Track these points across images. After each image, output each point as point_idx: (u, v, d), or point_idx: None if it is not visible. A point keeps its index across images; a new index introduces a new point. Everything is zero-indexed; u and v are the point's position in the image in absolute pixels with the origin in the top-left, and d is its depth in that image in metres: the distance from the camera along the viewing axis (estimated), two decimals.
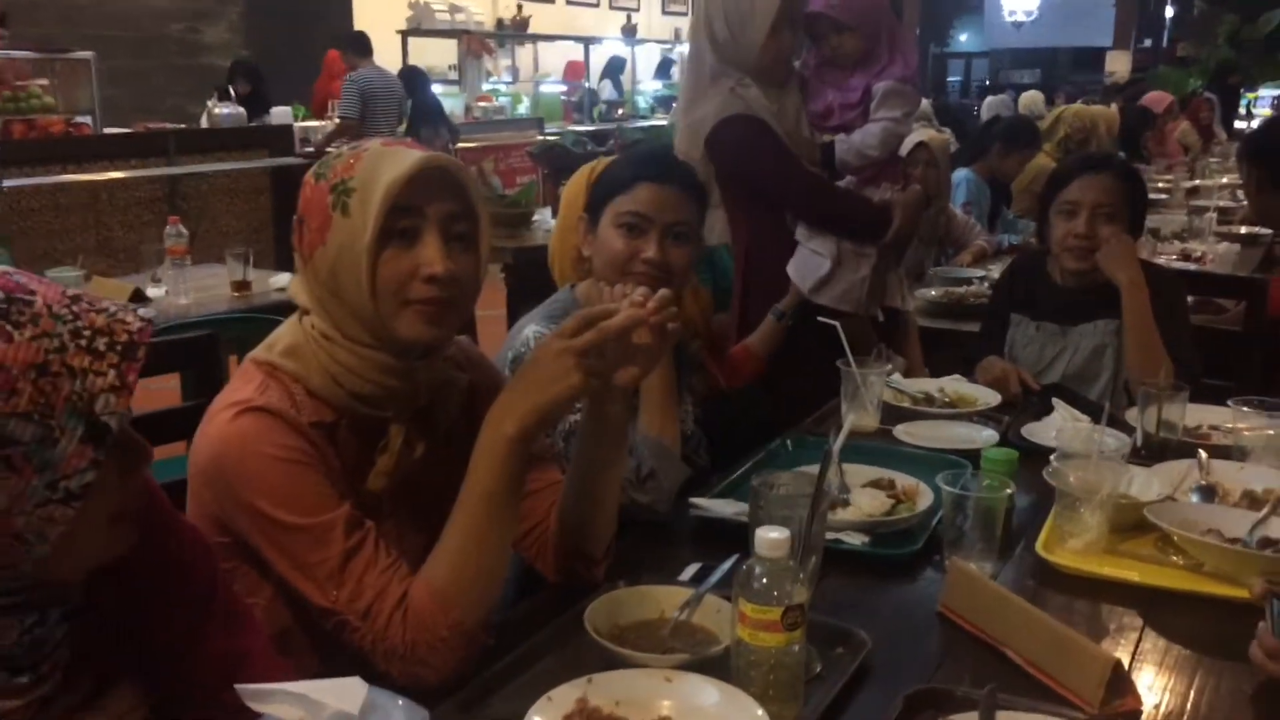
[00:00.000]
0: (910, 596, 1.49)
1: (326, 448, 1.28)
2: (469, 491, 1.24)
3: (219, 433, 1.24)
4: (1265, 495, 1.70)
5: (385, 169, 1.24)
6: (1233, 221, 4.79)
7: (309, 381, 1.29)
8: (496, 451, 1.23)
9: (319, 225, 1.26)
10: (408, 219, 1.25)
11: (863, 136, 2.58)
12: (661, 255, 1.76)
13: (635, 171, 1.80)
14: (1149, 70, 15.69)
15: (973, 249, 4.09)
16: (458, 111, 9.55)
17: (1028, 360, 2.40)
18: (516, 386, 1.27)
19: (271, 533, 1.22)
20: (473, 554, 1.23)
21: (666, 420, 1.72)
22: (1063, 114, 5.95)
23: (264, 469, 1.21)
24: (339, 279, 1.26)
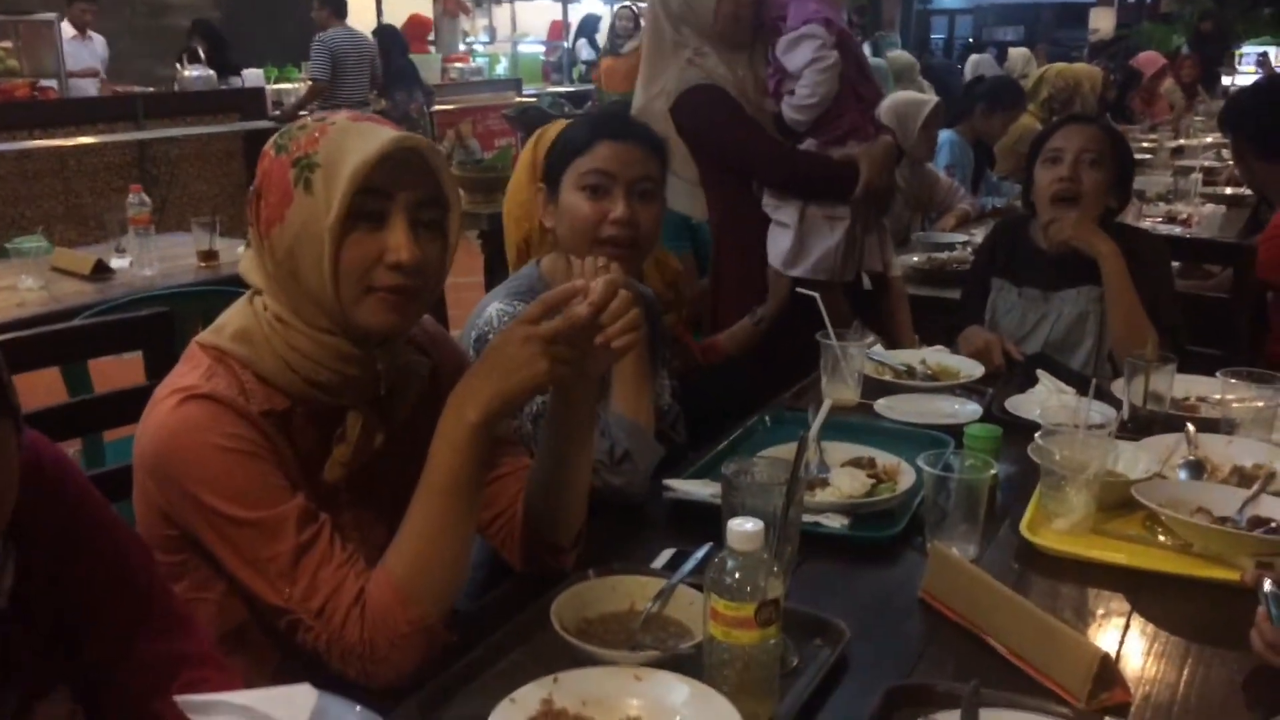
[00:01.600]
0: (891, 581, 1.44)
1: (278, 437, 1.21)
2: (429, 480, 1.18)
3: (162, 421, 1.17)
4: (1254, 471, 1.66)
5: (353, 147, 1.16)
6: (1218, 182, 4.75)
7: (260, 367, 1.21)
8: (458, 439, 1.17)
9: (278, 201, 1.18)
10: (375, 201, 1.17)
11: (796, 92, 2.52)
12: (630, 213, 1.69)
13: (593, 131, 1.73)
14: (1133, 26, 15.57)
15: (956, 212, 4.03)
16: (434, 72, 9.39)
17: (1009, 327, 2.35)
18: (480, 371, 1.20)
19: (220, 527, 1.16)
20: (434, 546, 1.18)
21: (641, 399, 1.66)
22: (1046, 74, 5.86)
23: (210, 460, 1.15)
24: (297, 260, 1.18)
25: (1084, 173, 2.22)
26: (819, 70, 2.48)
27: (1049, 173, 2.25)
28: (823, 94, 2.49)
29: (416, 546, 1.18)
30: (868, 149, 2.54)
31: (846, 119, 2.56)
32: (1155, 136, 6.47)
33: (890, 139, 2.64)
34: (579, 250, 1.72)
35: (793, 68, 2.53)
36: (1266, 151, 2.86)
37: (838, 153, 2.56)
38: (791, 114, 2.54)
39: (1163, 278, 2.23)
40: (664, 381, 1.95)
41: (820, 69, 2.48)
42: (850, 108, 2.55)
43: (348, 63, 7.25)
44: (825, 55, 2.48)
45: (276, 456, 1.19)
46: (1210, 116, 8.02)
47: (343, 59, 7.22)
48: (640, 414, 1.65)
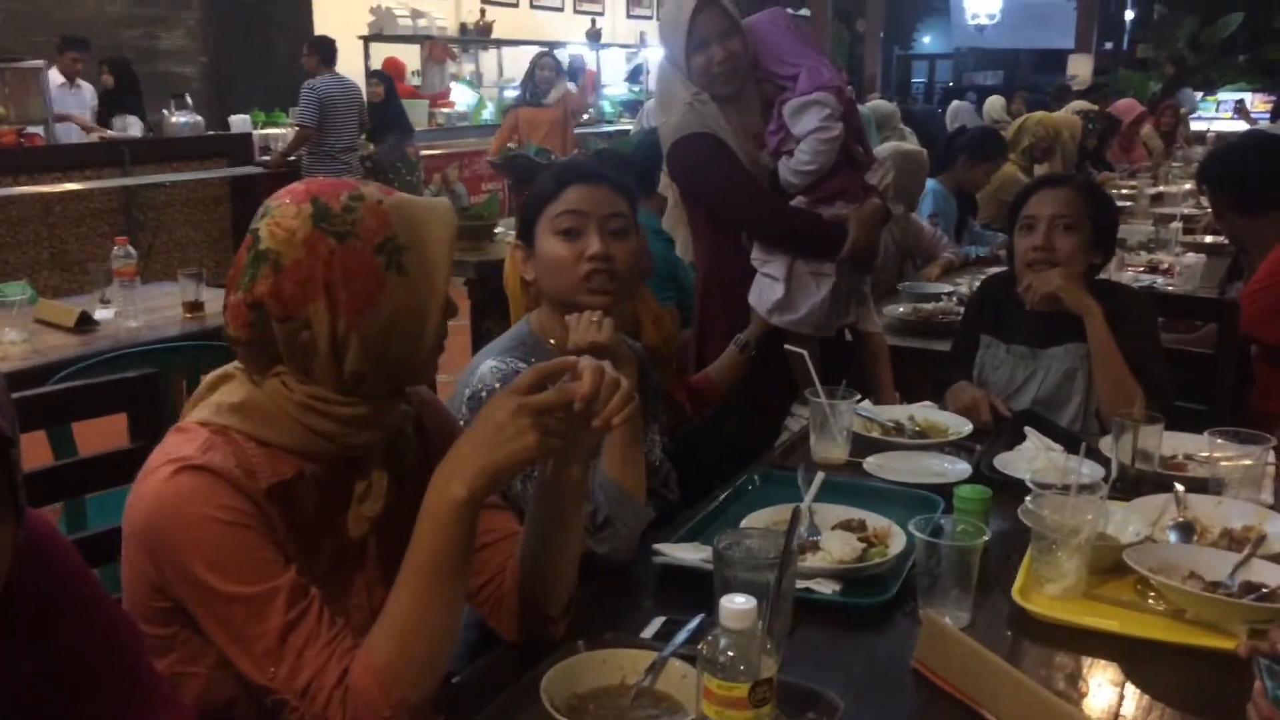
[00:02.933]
0: (884, 649, 1.42)
1: (278, 511, 1.20)
2: (412, 560, 1.16)
3: (154, 492, 1.15)
4: (1244, 533, 1.66)
5: (428, 225, 1.22)
6: (1197, 230, 4.80)
7: (266, 434, 1.20)
8: (442, 517, 1.15)
9: (368, 288, 1.18)
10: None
11: (795, 156, 2.54)
12: (605, 248, 1.72)
13: (560, 178, 1.78)
14: (1110, 73, 15.81)
15: (941, 261, 4.06)
16: (420, 117, 9.43)
17: (998, 383, 2.36)
18: (466, 442, 1.19)
19: (209, 601, 1.14)
20: (417, 629, 1.15)
21: (629, 463, 1.65)
22: (1026, 122, 5.93)
23: (203, 532, 1.13)
24: (392, 337, 1.20)
25: (1057, 240, 2.24)
26: (821, 140, 2.50)
27: (1024, 240, 2.27)
28: (821, 164, 2.52)
29: (399, 631, 1.15)
30: (858, 210, 2.56)
31: (838, 180, 2.58)
32: (1135, 184, 6.54)
33: (879, 202, 2.65)
34: (562, 295, 1.74)
35: (797, 132, 2.55)
36: (1245, 207, 2.90)
37: (827, 212, 2.58)
38: (787, 176, 2.56)
39: (1149, 335, 2.24)
40: (654, 438, 1.95)
41: (823, 139, 2.50)
42: (842, 170, 2.57)
43: (336, 109, 7.25)
44: (830, 127, 2.51)
45: (271, 530, 1.18)
46: (1188, 163, 8.14)
47: (331, 106, 7.22)
48: (627, 478, 1.63)
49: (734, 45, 2.53)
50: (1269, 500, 1.80)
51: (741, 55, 2.56)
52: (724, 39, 2.52)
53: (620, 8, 14.33)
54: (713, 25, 2.51)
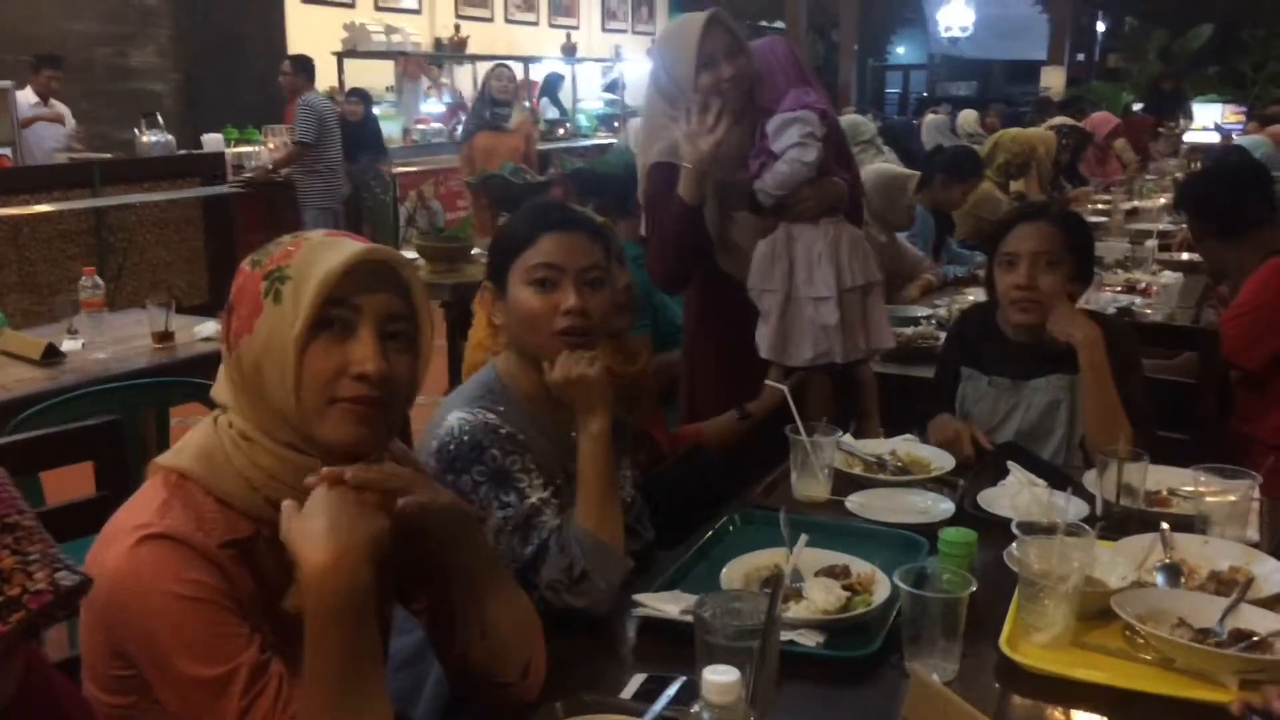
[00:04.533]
0: (870, 705, 1.39)
1: (239, 569, 1.16)
2: (308, 676, 1.11)
3: (116, 565, 1.11)
4: (1231, 574, 1.63)
5: (323, 258, 1.17)
6: (1172, 247, 4.81)
7: (221, 489, 1.18)
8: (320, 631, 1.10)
9: (248, 313, 1.18)
10: (342, 312, 1.17)
11: (771, 174, 2.52)
12: (581, 303, 1.66)
13: (535, 224, 1.70)
14: (1082, 84, 15.93)
15: (920, 282, 4.04)
16: (396, 135, 9.38)
17: (980, 416, 2.33)
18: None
19: (169, 678, 1.11)
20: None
21: (605, 513, 1.60)
22: (1000, 139, 5.93)
23: (166, 609, 1.10)
24: (263, 371, 1.17)
25: (1040, 278, 2.22)
26: (798, 160, 2.48)
27: (1007, 278, 2.25)
28: (794, 185, 2.49)
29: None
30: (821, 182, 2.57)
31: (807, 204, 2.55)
32: (1110, 198, 6.56)
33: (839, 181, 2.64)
34: (534, 347, 1.69)
35: (776, 148, 2.53)
36: (1222, 232, 2.90)
37: (812, 234, 2.56)
38: (760, 197, 2.55)
39: (1133, 368, 2.22)
40: (625, 473, 1.90)
41: (800, 157, 2.48)
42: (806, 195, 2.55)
43: (328, 125, 7.26)
44: (809, 145, 2.48)
45: (236, 597, 1.14)
46: (1162, 175, 8.19)
47: (325, 121, 7.22)
48: (604, 529, 1.59)
49: (742, 64, 2.51)
50: (1255, 538, 1.78)
51: (748, 76, 2.54)
52: (732, 57, 2.50)
53: (595, 21, 14.33)
54: (720, 43, 2.48)
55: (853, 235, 2.69)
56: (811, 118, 2.51)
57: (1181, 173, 8.02)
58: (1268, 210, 2.90)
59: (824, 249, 2.62)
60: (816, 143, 2.50)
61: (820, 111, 2.54)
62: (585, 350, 1.64)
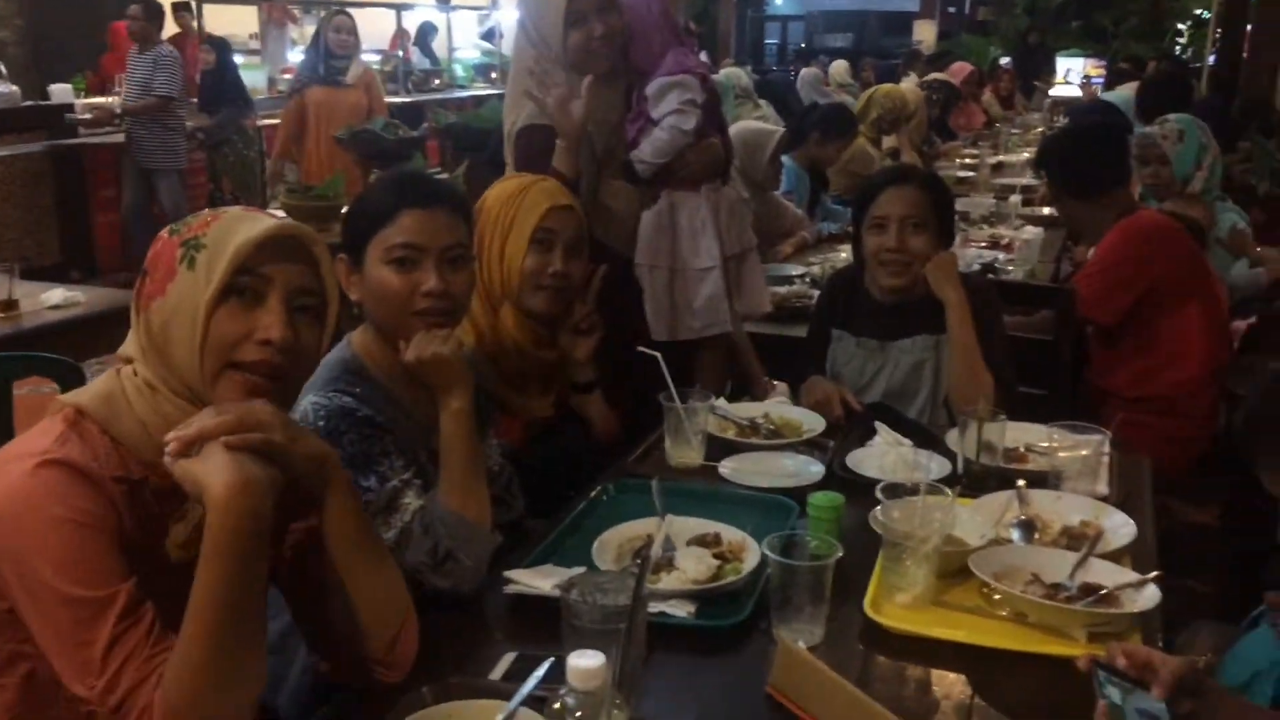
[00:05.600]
0: (739, 673, 1.41)
1: (127, 508, 1.18)
2: (195, 602, 1.12)
3: (7, 487, 1.13)
4: (1082, 529, 1.71)
5: (239, 230, 1.23)
6: (1035, 201, 4.96)
7: (118, 430, 1.21)
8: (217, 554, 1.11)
9: (162, 277, 1.23)
10: (253, 282, 1.23)
11: (649, 141, 2.50)
12: (443, 284, 1.62)
13: (395, 199, 1.63)
14: (953, 38, 16.26)
15: (794, 240, 4.09)
16: (260, 86, 9.00)
17: (850, 377, 2.38)
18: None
19: (44, 600, 1.12)
20: (209, 665, 1.11)
21: (469, 491, 1.57)
22: (874, 95, 6.01)
23: (52, 530, 1.12)
24: (170, 334, 1.22)
25: (909, 240, 2.26)
26: (676, 127, 2.46)
27: (876, 240, 2.29)
28: (672, 153, 2.47)
29: (191, 669, 1.11)
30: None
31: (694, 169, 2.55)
32: (976, 153, 6.74)
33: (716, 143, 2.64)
34: (390, 324, 1.64)
35: (656, 114, 2.50)
36: (1080, 191, 3.00)
37: (694, 199, 2.55)
38: (638, 162, 2.52)
39: (993, 327, 2.29)
40: (492, 442, 1.88)
41: (679, 124, 2.46)
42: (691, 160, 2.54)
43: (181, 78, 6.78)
44: (689, 112, 2.47)
45: (121, 532, 1.16)
46: (1027, 130, 8.45)
47: (181, 73, 6.75)
48: (469, 506, 1.55)
49: (613, 21, 2.45)
50: (1104, 491, 1.86)
51: (620, 33, 2.48)
52: (603, 13, 2.43)
53: None
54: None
55: (731, 200, 2.70)
56: (692, 83, 2.49)
57: (1044, 127, 8.29)
58: (1121, 172, 3.01)
59: (707, 216, 2.62)
60: (696, 110, 2.48)
61: (701, 76, 2.52)
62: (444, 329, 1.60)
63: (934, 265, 2.25)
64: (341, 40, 5.88)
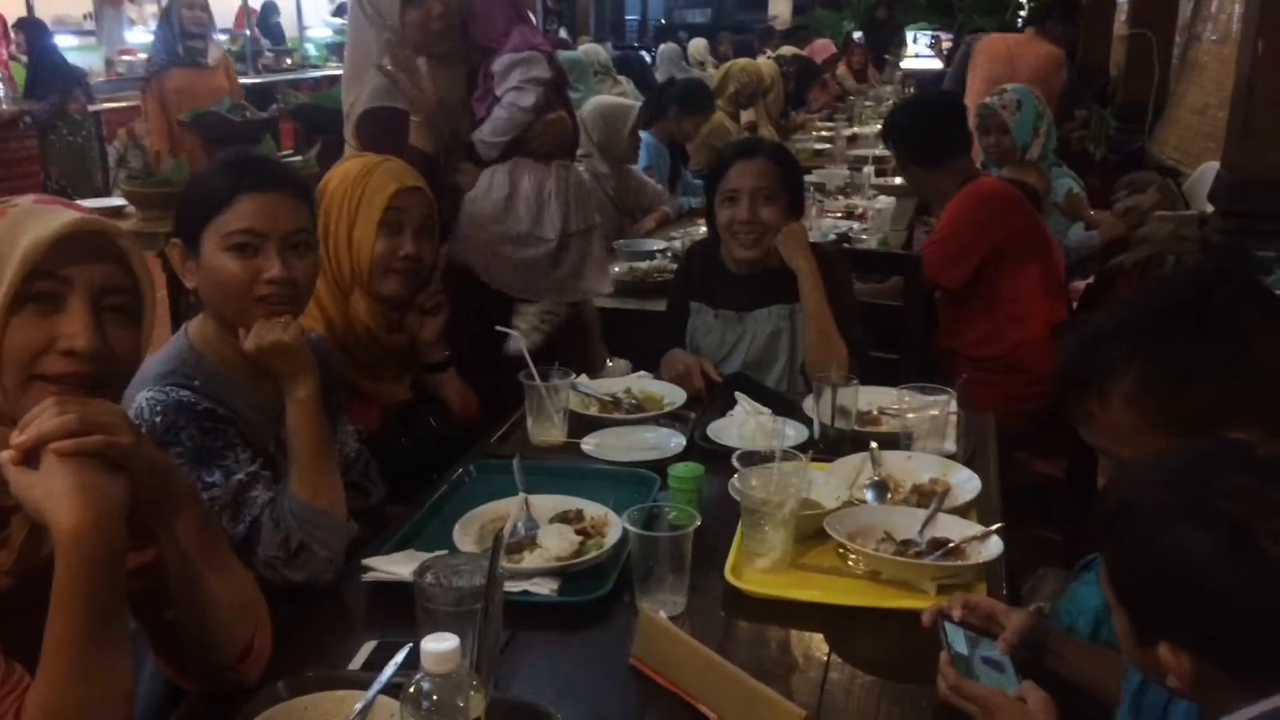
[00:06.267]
0: (603, 647, 1.41)
1: None
2: (51, 639, 1.03)
3: None
4: (931, 487, 1.77)
5: (30, 228, 1.11)
6: (888, 172, 5.10)
7: None
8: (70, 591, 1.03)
9: None
10: (50, 285, 1.11)
11: (489, 122, 2.48)
12: (286, 271, 1.55)
13: (233, 183, 1.55)
14: (807, 13, 16.55)
15: (657, 214, 4.10)
16: (97, 67, 8.56)
17: (709, 348, 2.40)
18: None
19: None
20: (70, 709, 1.03)
21: (320, 480, 1.52)
22: (730, 69, 6.08)
23: None
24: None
25: (760, 210, 2.30)
26: (514, 104, 2.44)
27: (728, 211, 2.32)
28: (512, 131, 2.45)
29: (55, 701, 1.03)
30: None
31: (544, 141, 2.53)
32: (832, 125, 6.88)
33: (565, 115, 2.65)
34: (230, 313, 1.56)
35: (499, 91, 2.47)
36: (924, 160, 3.10)
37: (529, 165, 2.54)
38: (478, 143, 2.49)
39: (845, 294, 2.34)
40: (347, 428, 1.83)
41: (516, 101, 2.44)
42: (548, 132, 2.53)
43: None
44: (527, 89, 2.45)
45: None
46: (879, 101, 8.66)
47: None
48: (320, 496, 1.51)
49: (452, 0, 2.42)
50: (952, 449, 1.93)
51: (458, 11, 2.44)
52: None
53: None
54: None
55: (579, 179, 2.69)
56: (538, 59, 2.48)
57: (896, 99, 8.51)
58: (961, 141, 3.12)
59: (553, 189, 2.61)
60: (537, 87, 2.47)
61: (547, 52, 2.51)
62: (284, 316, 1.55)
63: (785, 236, 2.29)
64: (196, 17, 5.59)
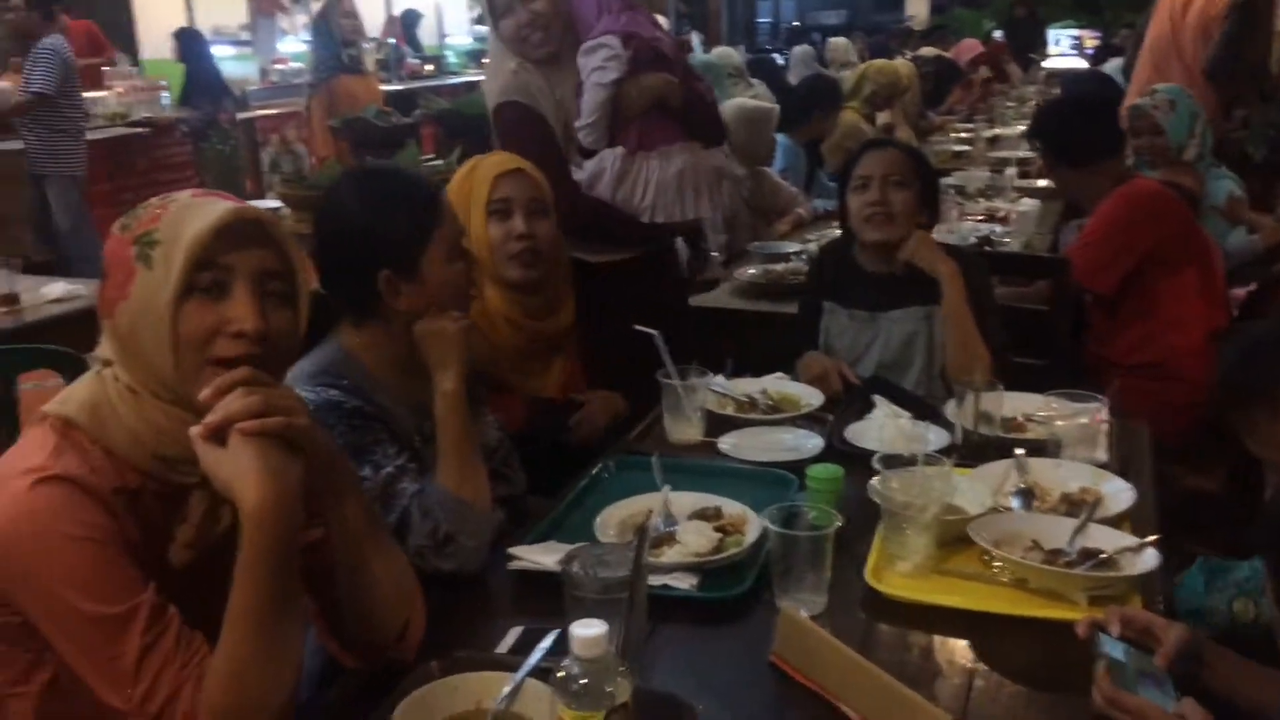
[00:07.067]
0: (742, 644, 1.42)
1: (127, 518, 1.16)
2: (235, 609, 1.12)
3: (9, 507, 1.11)
4: (1082, 496, 1.71)
5: (191, 220, 1.17)
6: (1031, 174, 4.95)
7: (109, 441, 1.17)
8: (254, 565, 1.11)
9: (123, 279, 1.18)
10: (215, 274, 1.18)
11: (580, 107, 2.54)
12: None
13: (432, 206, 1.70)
14: (946, 12, 16.19)
15: (790, 217, 4.08)
16: (252, 76, 8.98)
17: (843, 349, 2.38)
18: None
19: (66, 620, 1.11)
20: (252, 673, 1.11)
21: (465, 472, 1.57)
22: (867, 71, 5.99)
23: (63, 550, 1.10)
24: (140, 335, 1.17)
25: (891, 194, 2.28)
26: (596, 83, 2.48)
27: (859, 198, 2.30)
28: (597, 109, 2.50)
29: (231, 678, 1.11)
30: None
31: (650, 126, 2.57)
32: (972, 126, 6.71)
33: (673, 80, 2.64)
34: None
35: (582, 79, 2.53)
36: (1074, 160, 3.01)
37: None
38: (578, 131, 2.55)
39: (985, 297, 2.29)
40: (488, 417, 1.89)
41: (599, 80, 2.48)
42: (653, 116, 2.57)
43: (73, 74, 5.95)
44: (607, 68, 2.48)
45: (128, 542, 1.14)
46: (1022, 102, 8.41)
47: (71, 70, 5.91)
48: (465, 487, 1.56)
49: (540, 6, 2.48)
50: (1104, 458, 1.87)
51: (550, 14, 2.51)
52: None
53: None
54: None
55: (715, 165, 2.68)
56: (610, 39, 2.52)
57: (1039, 99, 8.25)
58: (1114, 140, 3.02)
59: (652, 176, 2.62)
60: (612, 64, 2.50)
61: (624, 34, 2.54)
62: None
63: (918, 244, 2.27)
64: (354, 26, 5.99)
